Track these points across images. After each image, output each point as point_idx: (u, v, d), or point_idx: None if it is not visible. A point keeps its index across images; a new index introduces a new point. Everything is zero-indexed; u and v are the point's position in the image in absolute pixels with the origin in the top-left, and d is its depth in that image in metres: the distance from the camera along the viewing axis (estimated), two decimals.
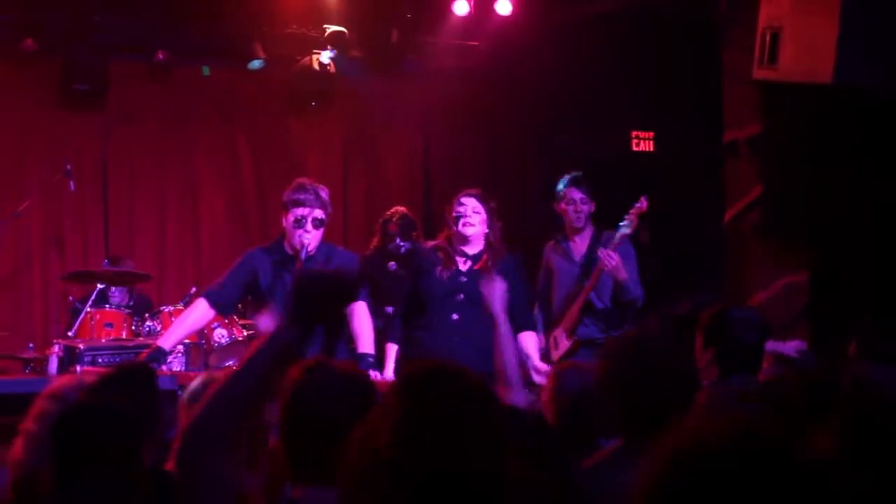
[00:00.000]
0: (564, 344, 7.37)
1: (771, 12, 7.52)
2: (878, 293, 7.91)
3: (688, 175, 9.83)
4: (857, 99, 7.59)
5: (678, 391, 3.45)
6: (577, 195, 7.51)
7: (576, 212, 7.51)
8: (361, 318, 6.38)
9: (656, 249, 7.45)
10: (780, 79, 7.54)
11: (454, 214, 6.75)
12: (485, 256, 6.70)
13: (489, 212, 6.76)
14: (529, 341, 6.71)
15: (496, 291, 5.05)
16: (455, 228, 6.74)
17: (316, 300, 2.53)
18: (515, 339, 6.44)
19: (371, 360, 6.26)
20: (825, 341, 7.52)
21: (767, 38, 7.52)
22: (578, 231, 7.55)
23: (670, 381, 3.47)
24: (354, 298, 2.34)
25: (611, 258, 7.15)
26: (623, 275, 7.19)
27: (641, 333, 3.76)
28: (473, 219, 6.71)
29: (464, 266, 6.71)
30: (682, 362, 3.59)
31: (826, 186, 8.18)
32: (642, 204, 7.25)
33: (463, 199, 6.78)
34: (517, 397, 4.50)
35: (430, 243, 6.94)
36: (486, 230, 6.75)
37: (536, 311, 7.62)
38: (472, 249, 6.75)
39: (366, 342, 6.34)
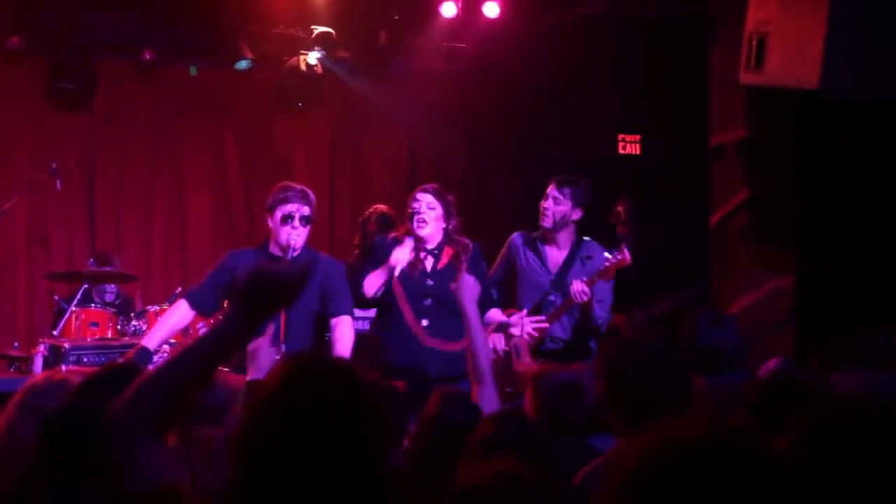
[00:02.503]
0: (527, 362, 6.98)
1: (758, 17, 7.54)
2: (863, 297, 7.94)
3: (674, 178, 9.84)
4: (842, 104, 7.62)
5: (674, 393, 3.47)
6: (554, 193, 7.07)
7: (544, 209, 7.08)
8: (344, 329, 6.31)
9: (641, 253, 7.39)
10: (766, 83, 7.56)
11: (409, 211, 6.60)
12: (448, 251, 6.60)
13: (445, 206, 6.61)
14: (496, 315, 6.63)
15: (467, 291, 5.02)
16: (410, 225, 6.59)
17: (265, 296, 2.57)
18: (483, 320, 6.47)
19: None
20: (810, 345, 7.55)
21: (754, 42, 7.54)
22: (550, 232, 7.12)
23: (665, 382, 3.48)
24: (300, 293, 2.38)
25: (584, 295, 6.75)
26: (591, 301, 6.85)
27: (636, 336, 3.77)
28: (428, 215, 6.55)
29: (429, 265, 6.61)
30: (676, 364, 3.60)
31: (812, 190, 8.21)
32: (625, 256, 6.72)
33: (418, 195, 6.62)
34: (489, 394, 4.51)
35: (391, 236, 6.79)
36: (444, 225, 6.59)
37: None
38: (429, 245, 6.61)
39: (342, 347, 6.28)
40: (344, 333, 6.28)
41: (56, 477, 3.08)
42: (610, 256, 6.80)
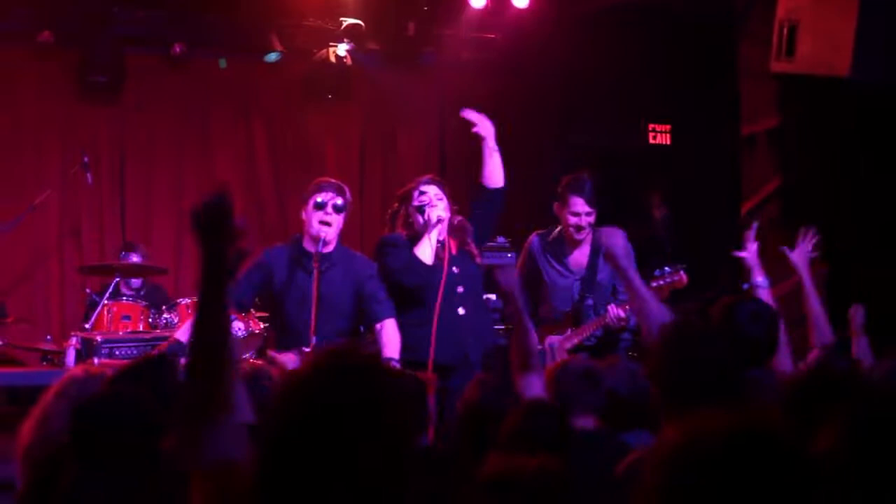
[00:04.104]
0: (563, 355, 6.76)
1: (789, 5, 7.51)
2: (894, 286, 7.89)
3: (705, 168, 9.80)
4: (874, 92, 7.57)
5: (722, 382, 3.44)
6: (582, 207, 6.88)
7: (577, 227, 6.91)
8: (390, 331, 6.32)
9: (672, 241, 7.34)
10: (797, 71, 7.53)
11: (415, 204, 6.51)
12: (451, 241, 6.54)
13: (448, 195, 6.58)
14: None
15: (512, 276, 4.95)
16: (419, 218, 6.50)
17: (208, 226, 2.67)
18: None
19: (396, 364, 6.10)
20: (841, 334, 7.50)
21: (785, 30, 7.51)
22: (578, 244, 7.00)
23: (713, 372, 3.46)
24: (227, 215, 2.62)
25: (621, 321, 6.70)
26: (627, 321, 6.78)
27: (685, 326, 3.74)
28: (439, 206, 6.50)
29: (446, 254, 6.51)
30: (724, 354, 3.57)
31: (843, 179, 8.16)
32: (682, 277, 6.57)
33: (423, 188, 6.56)
34: (535, 383, 4.49)
35: (400, 234, 6.64)
36: (448, 214, 6.53)
37: None
38: (441, 236, 6.52)
39: (392, 349, 6.26)
40: (391, 336, 6.28)
41: (86, 463, 3.10)
42: (663, 274, 6.65)
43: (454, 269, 6.47)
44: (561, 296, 7.05)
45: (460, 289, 6.46)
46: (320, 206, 6.33)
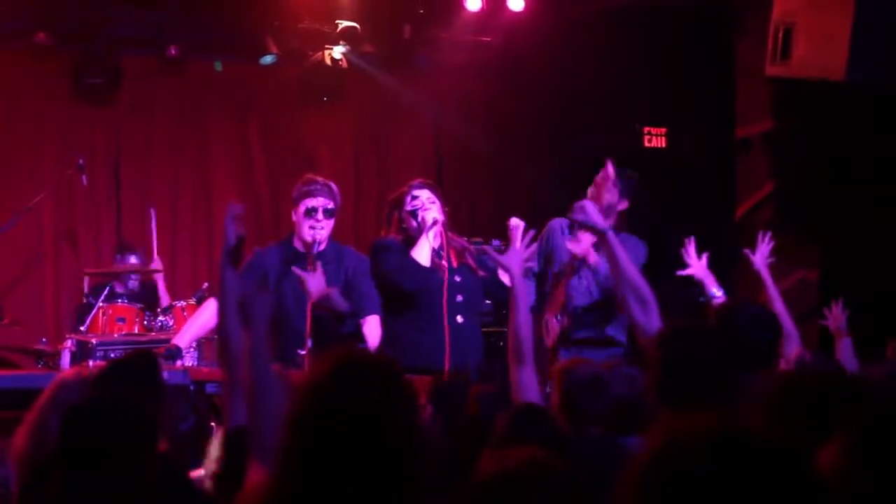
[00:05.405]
0: (554, 326, 6.67)
1: (784, 8, 7.52)
2: (889, 289, 7.90)
3: (700, 171, 9.80)
4: (870, 95, 7.57)
5: (719, 386, 3.42)
6: (611, 175, 6.73)
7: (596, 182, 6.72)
8: (372, 326, 6.26)
9: (667, 246, 7.31)
10: (792, 75, 7.54)
11: (408, 209, 6.42)
12: (451, 252, 6.49)
13: (441, 199, 6.50)
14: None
15: (517, 259, 4.92)
16: (413, 223, 6.42)
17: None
18: None
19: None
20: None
21: (780, 33, 7.52)
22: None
23: (712, 375, 3.44)
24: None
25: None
26: None
27: (683, 327, 3.73)
28: (433, 210, 6.41)
29: (445, 262, 6.43)
30: (726, 358, 3.55)
31: (838, 182, 8.17)
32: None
33: (415, 192, 6.46)
34: (529, 376, 4.47)
35: (394, 238, 6.52)
36: (443, 218, 6.45)
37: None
38: (435, 243, 6.44)
39: (370, 342, 6.19)
40: (372, 330, 6.25)
41: (75, 469, 3.10)
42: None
43: (456, 277, 6.40)
44: (581, 286, 6.78)
45: (460, 297, 6.39)
46: (311, 213, 6.30)
